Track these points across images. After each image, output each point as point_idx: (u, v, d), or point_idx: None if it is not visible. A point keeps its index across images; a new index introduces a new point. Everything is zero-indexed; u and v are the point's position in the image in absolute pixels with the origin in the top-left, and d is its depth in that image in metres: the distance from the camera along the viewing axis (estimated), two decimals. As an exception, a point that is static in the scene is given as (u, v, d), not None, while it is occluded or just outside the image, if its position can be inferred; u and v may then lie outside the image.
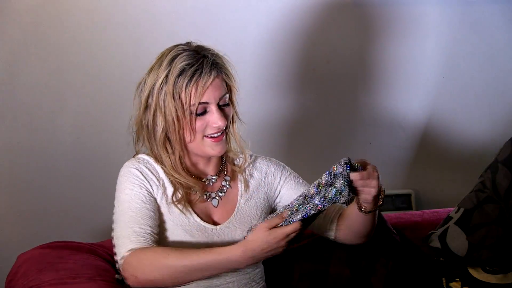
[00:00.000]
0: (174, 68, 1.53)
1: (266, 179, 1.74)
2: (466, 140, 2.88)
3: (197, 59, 1.54)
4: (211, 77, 1.53)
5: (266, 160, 1.80)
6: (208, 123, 1.56)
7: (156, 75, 1.55)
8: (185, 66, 1.53)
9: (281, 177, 1.77)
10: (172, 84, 1.52)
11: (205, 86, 1.52)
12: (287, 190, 1.76)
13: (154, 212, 1.52)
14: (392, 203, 2.83)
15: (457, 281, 1.92)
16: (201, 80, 1.52)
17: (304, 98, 2.75)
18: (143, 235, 1.46)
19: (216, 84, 1.54)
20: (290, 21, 2.67)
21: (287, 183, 1.77)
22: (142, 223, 1.48)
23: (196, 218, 1.58)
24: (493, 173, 1.94)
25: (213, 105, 1.55)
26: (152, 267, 1.43)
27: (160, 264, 1.43)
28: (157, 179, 1.58)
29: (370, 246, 2.05)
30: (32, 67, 2.50)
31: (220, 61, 1.58)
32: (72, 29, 2.51)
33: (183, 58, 1.54)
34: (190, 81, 1.52)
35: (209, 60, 1.54)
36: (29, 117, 2.52)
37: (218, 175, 1.68)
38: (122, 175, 1.58)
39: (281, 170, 1.79)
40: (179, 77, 1.52)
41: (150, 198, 1.54)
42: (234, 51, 2.62)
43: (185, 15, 2.58)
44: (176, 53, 1.55)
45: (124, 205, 1.53)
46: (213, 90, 1.54)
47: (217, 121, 1.54)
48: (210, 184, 1.66)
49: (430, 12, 2.79)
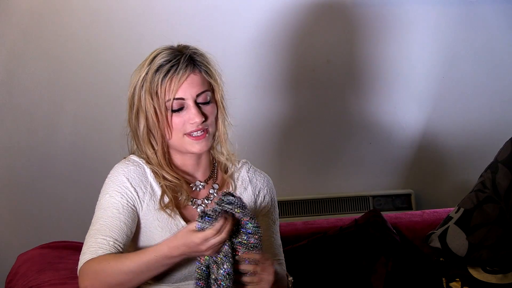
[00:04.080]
0: (153, 66, 1.53)
1: (257, 197, 1.69)
2: (466, 140, 2.88)
3: (175, 55, 1.54)
4: (186, 72, 1.52)
5: (262, 177, 1.72)
6: (185, 120, 1.54)
7: (138, 75, 1.56)
8: (163, 62, 1.53)
9: (267, 205, 1.70)
10: (149, 81, 1.53)
11: (180, 81, 1.51)
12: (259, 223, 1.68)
13: (126, 224, 1.50)
14: (392, 203, 2.83)
15: (457, 281, 1.92)
16: (175, 76, 1.51)
17: (304, 98, 2.75)
18: (103, 247, 1.46)
19: (192, 80, 1.53)
20: (290, 21, 2.68)
21: (265, 216, 1.69)
22: (108, 234, 1.47)
23: (184, 223, 1.56)
24: (493, 173, 1.94)
25: (190, 101, 1.53)
26: (95, 275, 1.43)
27: (102, 271, 1.43)
28: (144, 184, 1.57)
29: (370, 246, 2.05)
30: (32, 67, 2.50)
31: (200, 58, 1.56)
32: (71, 30, 2.52)
33: (162, 55, 1.54)
34: (165, 76, 1.52)
35: (186, 56, 1.54)
36: (29, 117, 2.52)
37: (206, 182, 1.65)
38: (109, 177, 1.58)
39: (271, 198, 1.71)
40: (156, 74, 1.53)
41: (127, 209, 1.52)
42: (234, 51, 2.66)
43: (184, 16, 2.59)
44: (158, 52, 1.56)
45: (99, 211, 1.53)
46: (190, 86, 1.52)
47: (194, 117, 1.52)
48: (197, 190, 1.63)
49: (430, 12, 2.79)
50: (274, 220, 1.70)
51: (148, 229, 1.54)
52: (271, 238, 1.67)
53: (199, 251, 1.37)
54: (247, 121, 2.62)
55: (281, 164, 2.76)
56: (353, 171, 2.83)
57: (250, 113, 2.65)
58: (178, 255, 1.39)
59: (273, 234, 1.68)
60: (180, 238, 1.36)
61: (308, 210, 2.78)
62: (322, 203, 2.79)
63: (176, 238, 1.37)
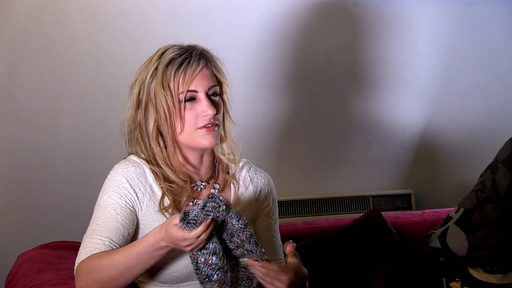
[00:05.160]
0: (163, 59, 1.54)
1: (259, 197, 1.69)
2: (466, 140, 2.88)
3: (185, 49, 1.56)
4: (199, 65, 1.53)
5: (263, 176, 1.73)
6: (198, 113, 1.54)
7: (146, 70, 1.56)
8: (174, 56, 1.54)
9: (268, 204, 1.71)
10: (161, 74, 1.53)
11: (193, 74, 1.52)
12: (260, 222, 1.70)
13: (123, 225, 1.50)
14: (392, 203, 2.83)
15: (457, 281, 1.92)
16: (189, 68, 1.52)
17: (304, 98, 2.75)
18: (98, 247, 1.46)
19: (205, 73, 1.54)
20: (290, 21, 2.68)
21: (266, 216, 1.70)
22: (104, 234, 1.48)
23: None
24: (493, 173, 1.94)
25: (202, 93, 1.53)
26: (89, 274, 1.43)
27: (95, 269, 1.43)
28: (144, 185, 1.56)
29: (370, 246, 2.05)
30: (32, 67, 2.50)
31: (209, 55, 1.58)
32: (71, 30, 2.52)
33: (173, 49, 1.55)
34: (178, 69, 1.52)
35: (198, 51, 1.56)
36: (29, 117, 2.52)
37: (207, 182, 1.64)
38: (108, 178, 1.57)
39: (272, 198, 1.72)
40: (168, 66, 1.53)
41: (125, 210, 1.52)
42: (234, 52, 2.66)
43: (184, 16, 2.59)
44: (166, 48, 1.57)
45: (97, 212, 1.53)
46: (202, 79, 1.54)
47: (207, 109, 1.52)
48: (198, 190, 1.62)
49: (430, 12, 2.79)
50: (275, 220, 1.71)
51: (148, 230, 1.53)
52: (272, 238, 1.67)
53: (180, 246, 1.37)
54: (247, 121, 2.61)
55: (281, 164, 2.76)
56: (353, 171, 2.83)
57: (250, 113, 2.65)
58: (164, 246, 1.39)
59: (275, 234, 1.68)
60: (164, 230, 1.37)
61: (308, 210, 2.78)
62: (322, 203, 2.79)
63: (161, 230, 1.38)
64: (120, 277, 1.42)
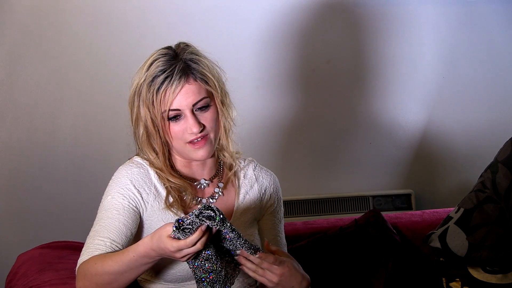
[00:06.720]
0: (148, 74, 1.52)
1: (264, 196, 1.69)
2: (466, 140, 2.88)
3: (170, 64, 1.52)
4: (180, 84, 1.50)
5: (269, 175, 1.74)
6: (184, 129, 1.53)
7: (138, 78, 1.55)
8: (157, 73, 1.51)
9: (273, 203, 1.71)
10: (145, 93, 1.52)
11: (174, 93, 1.50)
12: (265, 221, 1.70)
13: (126, 225, 1.51)
14: (392, 203, 2.83)
15: (457, 281, 1.92)
16: (169, 87, 1.50)
17: (304, 98, 2.75)
18: (100, 248, 1.47)
19: (187, 90, 1.51)
20: (290, 21, 2.68)
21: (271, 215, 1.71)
22: (106, 235, 1.48)
23: None
24: (493, 173, 1.94)
25: (187, 111, 1.51)
26: (86, 276, 1.45)
27: (90, 272, 1.44)
28: (148, 185, 1.57)
29: (370, 246, 2.05)
30: (32, 67, 2.50)
31: (195, 66, 1.52)
32: (71, 29, 2.52)
33: (158, 63, 1.52)
34: (159, 88, 1.50)
35: (181, 65, 1.51)
36: (29, 117, 2.52)
37: (211, 180, 1.65)
38: (112, 179, 1.58)
39: (277, 197, 1.73)
40: (150, 85, 1.52)
41: (128, 210, 1.52)
42: (234, 51, 2.66)
43: (185, 15, 2.59)
44: (155, 57, 1.54)
45: (101, 212, 1.53)
46: (185, 97, 1.51)
47: (191, 127, 1.51)
48: (201, 188, 1.63)
49: (430, 12, 2.79)
50: (280, 219, 1.71)
51: (153, 230, 1.54)
52: (277, 237, 1.68)
53: (174, 257, 1.36)
54: (247, 121, 2.59)
55: (281, 164, 2.76)
56: (353, 171, 2.83)
57: (251, 113, 2.65)
58: (155, 256, 1.39)
59: (279, 233, 1.69)
60: (155, 241, 1.35)
61: (308, 210, 2.78)
62: (322, 203, 2.79)
63: (152, 241, 1.36)
64: (114, 281, 1.43)
